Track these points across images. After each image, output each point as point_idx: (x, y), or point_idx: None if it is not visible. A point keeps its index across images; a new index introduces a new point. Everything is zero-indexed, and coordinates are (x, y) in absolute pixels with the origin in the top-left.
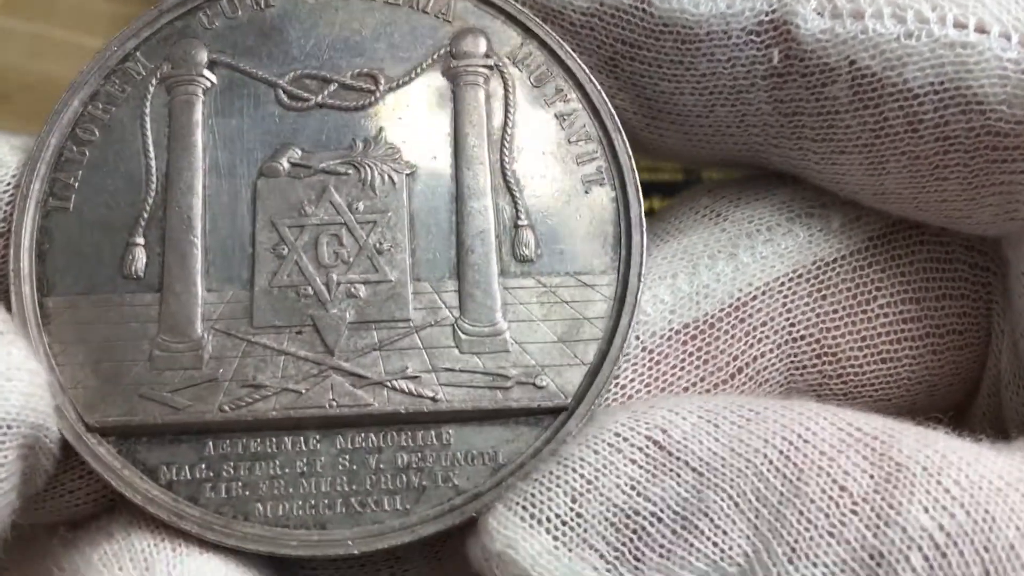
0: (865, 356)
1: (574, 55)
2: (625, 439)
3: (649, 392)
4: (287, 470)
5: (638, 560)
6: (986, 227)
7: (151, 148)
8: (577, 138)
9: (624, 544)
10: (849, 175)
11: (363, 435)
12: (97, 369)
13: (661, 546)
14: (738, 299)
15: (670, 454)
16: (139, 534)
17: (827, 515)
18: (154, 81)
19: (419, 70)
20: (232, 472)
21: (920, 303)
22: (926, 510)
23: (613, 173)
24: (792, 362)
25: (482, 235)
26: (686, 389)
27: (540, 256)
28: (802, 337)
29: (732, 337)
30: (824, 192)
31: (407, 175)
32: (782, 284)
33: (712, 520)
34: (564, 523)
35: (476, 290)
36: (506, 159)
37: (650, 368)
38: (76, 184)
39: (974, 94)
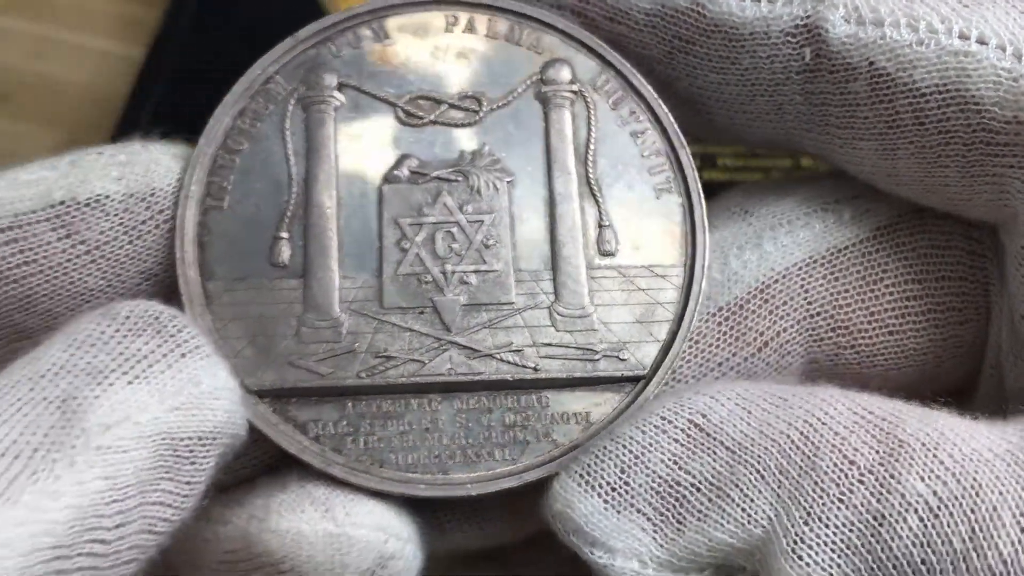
0: (874, 329)
1: (645, 83)
2: (670, 421)
3: (691, 365)
4: (414, 426)
5: (679, 522)
6: (983, 212)
7: (291, 157)
8: (648, 152)
9: (668, 509)
10: (866, 159)
11: (476, 398)
12: (253, 342)
13: (699, 511)
14: (762, 283)
15: (708, 435)
16: (314, 483)
17: (837, 484)
18: (292, 100)
19: (515, 94)
20: (369, 428)
21: (922, 283)
22: (922, 479)
23: (680, 182)
24: (811, 335)
25: (572, 233)
26: (720, 364)
27: (620, 251)
28: (818, 313)
29: (758, 316)
30: (838, 189)
31: (507, 182)
32: (800, 269)
33: (742, 490)
34: (614, 489)
35: (568, 279)
36: (590, 169)
37: (691, 347)
38: (229, 187)
39: (972, 96)
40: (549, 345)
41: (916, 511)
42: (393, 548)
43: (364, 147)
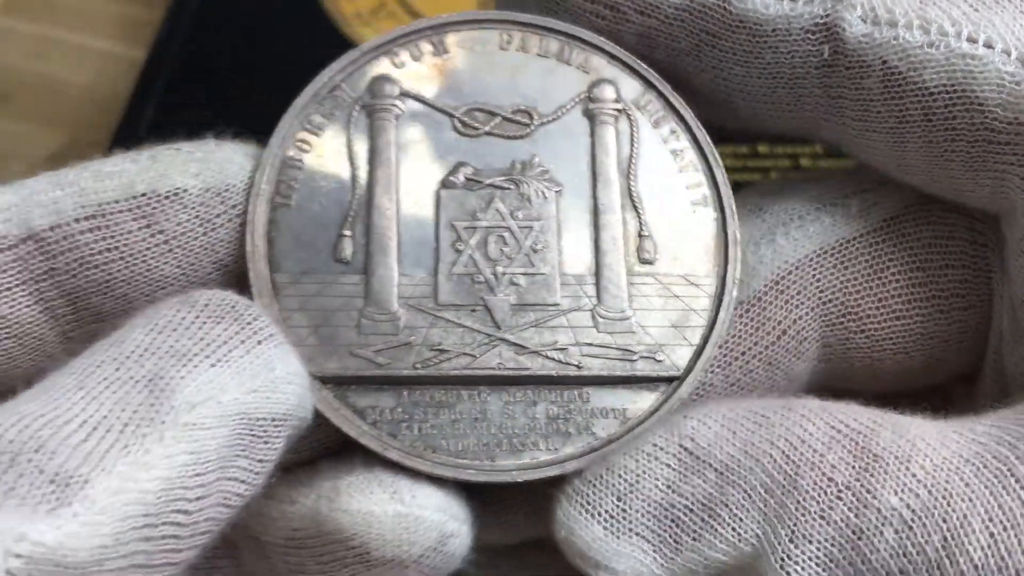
0: (882, 314)
1: (685, 105)
2: (661, 448)
3: (716, 356)
4: (464, 416)
5: (677, 542)
6: (986, 202)
7: (355, 160)
8: (686, 169)
9: (665, 531)
10: (877, 149)
11: (522, 391)
12: (316, 332)
13: (693, 531)
14: (777, 275)
15: (697, 458)
16: (380, 467)
17: (818, 502)
18: (357, 107)
19: (564, 110)
20: (422, 416)
21: (926, 271)
22: (896, 493)
23: (714, 199)
24: (823, 322)
25: (614, 241)
26: (743, 354)
27: (658, 260)
28: (830, 301)
29: (775, 307)
30: (846, 185)
31: (556, 192)
32: (811, 260)
33: (731, 510)
34: (612, 516)
35: (610, 284)
36: (632, 183)
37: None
38: (296, 186)
39: (976, 97)
40: (591, 345)
41: (892, 524)
42: (452, 528)
43: (423, 153)
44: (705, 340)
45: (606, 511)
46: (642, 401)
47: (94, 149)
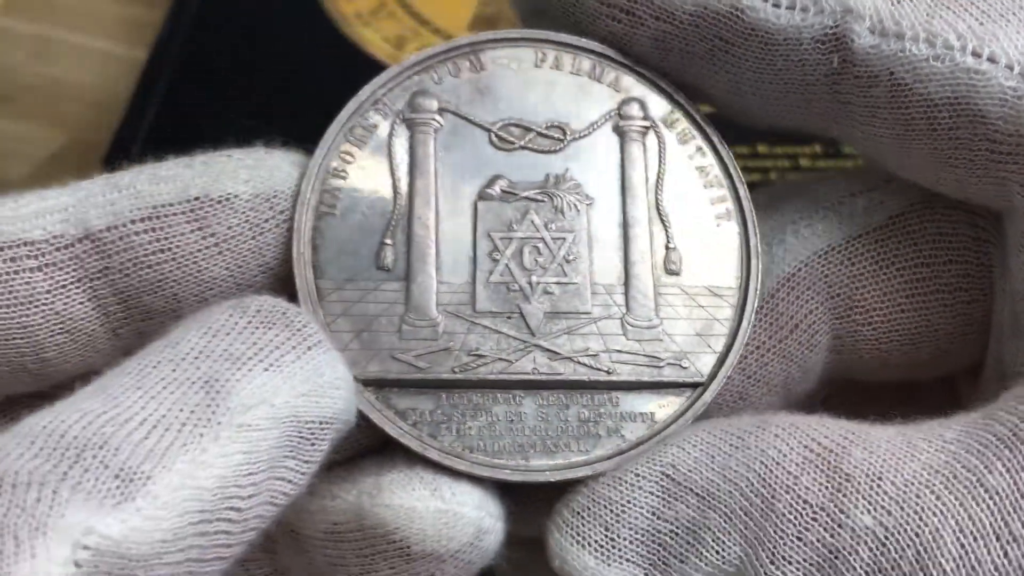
0: (887, 307)
1: (711, 123)
2: (644, 477)
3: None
4: (500, 418)
5: (665, 565)
6: (989, 201)
7: (396, 171)
8: (711, 185)
9: (653, 555)
10: (884, 151)
11: (555, 395)
12: (359, 336)
13: (680, 554)
14: (788, 272)
15: (679, 484)
16: (422, 465)
17: (795, 524)
18: (398, 121)
19: (595, 126)
20: (460, 418)
21: (930, 266)
22: (868, 511)
23: (737, 213)
24: (833, 315)
25: (642, 253)
26: (759, 347)
27: (684, 271)
28: (838, 295)
29: (787, 302)
30: (852, 185)
31: (587, 205)
32: (819, 256)
33: (714, 533)
34: (601, 546)
35: (638, 294)
36: (659, 197)
37: None
38: (340, 196)
39: (979, 110)
40: (620, 352)
41: (866, 543)
42: (488, 524)
43: (461, 166)
44: (728, 348)
45: (595, 541)
46: (669, 406)
47: (95, 150)
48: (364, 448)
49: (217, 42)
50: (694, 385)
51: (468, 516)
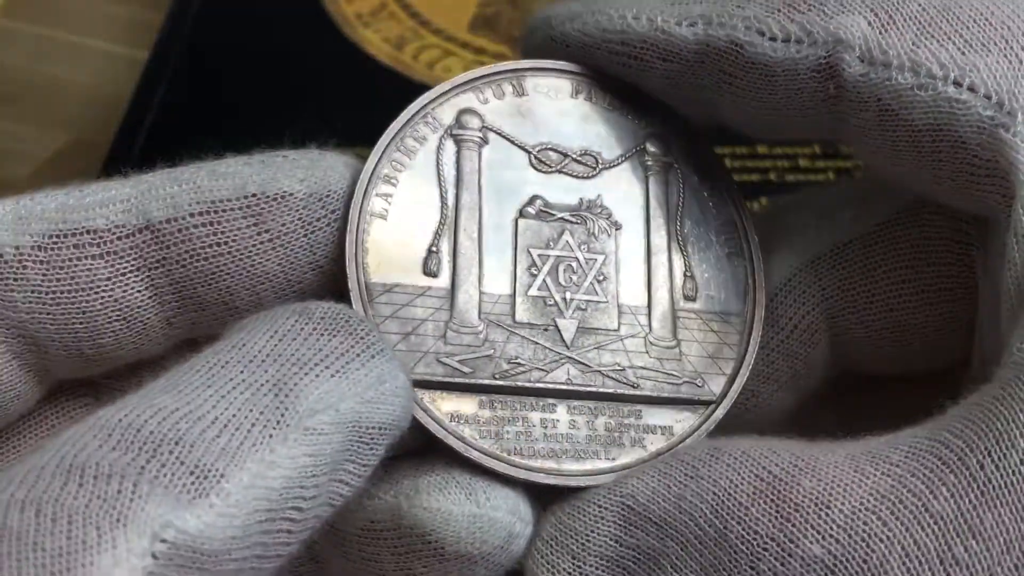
0: (876, 307)
1: (724, 166)
2: (605, 508)
3: None
4: (536, 424)
5: None
6: (976, 211)
7: (444, 182)
8: (723, 222)
9: None
10: (877, 164)
11: (585, 405)
12: (406, 339)
13: None
14: (786, 278)
15: (638, 513)
16: (458, 468)
17: (747, 554)
18: (446, 135)
19: (624, 157)
20: (499, 422)
21: (915, 268)
22: (817, 541)
23: (746, 249)
24: (827, 315)
25: (663, 279)
26: (764, 346)
27: (699, 298)
28: (831, 297)
29: (786, 305)
30: (842, 196)
31: (616, 230)
32: (813, 263)
33: (672, 561)
34: (570, 574)
35: (660, 316)
36: (678, 228)
37: None
38: (391, 201)
39: (959, 136)
40: (644, 368)
41: (816, 572)
42: (519, 529)
43: (503, 183)
44: (737, 370)
45: (564, 570)
46: (685, 421)
47: (95, 150)
48: (404, 449)
49: (217, 42)
50: (707, 403)
51: (501, 521)
